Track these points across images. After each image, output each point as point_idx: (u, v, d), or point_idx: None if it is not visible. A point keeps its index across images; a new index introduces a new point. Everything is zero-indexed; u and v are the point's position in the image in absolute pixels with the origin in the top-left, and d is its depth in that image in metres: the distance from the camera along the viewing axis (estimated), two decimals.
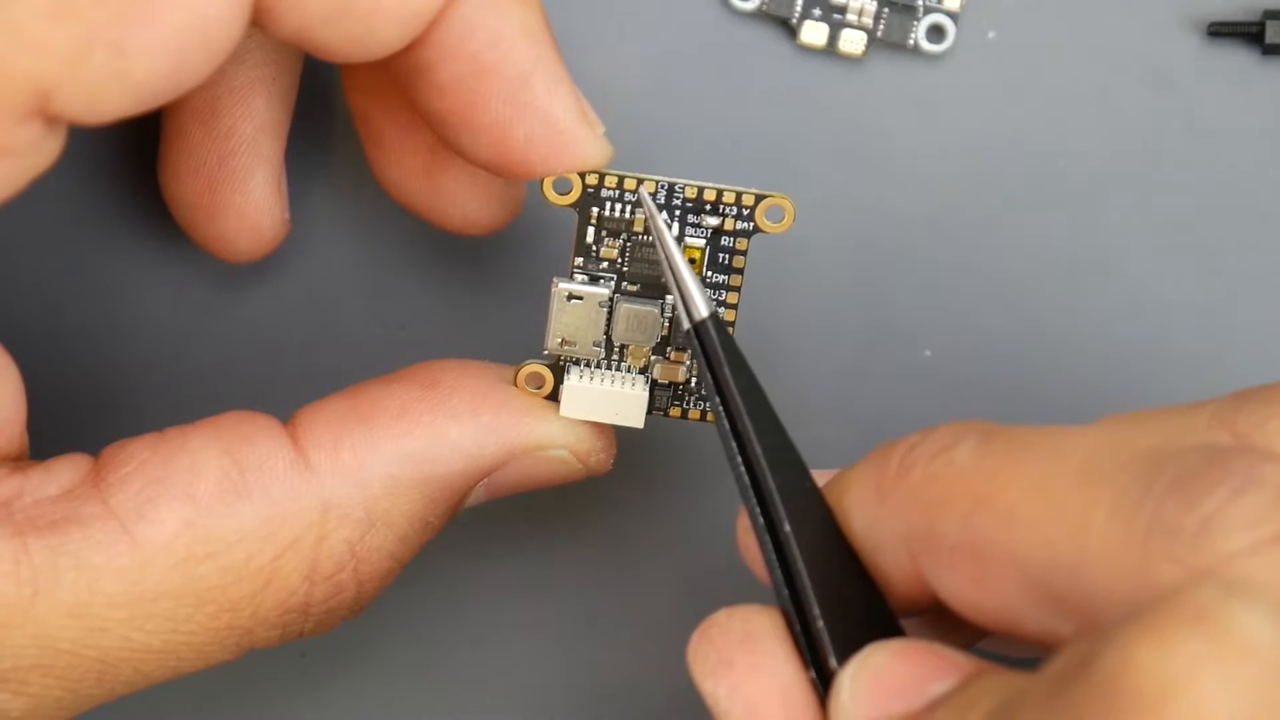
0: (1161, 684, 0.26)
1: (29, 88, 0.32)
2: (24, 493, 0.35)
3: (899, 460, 0.32)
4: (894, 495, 0.32)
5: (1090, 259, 0.42)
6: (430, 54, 0.35)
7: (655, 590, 0.42)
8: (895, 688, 0.31)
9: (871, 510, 0.33)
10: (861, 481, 0.33)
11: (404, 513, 0.36)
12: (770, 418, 0.33)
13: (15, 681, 0.34)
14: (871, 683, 0.31)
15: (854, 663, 0.31)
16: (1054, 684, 0.27)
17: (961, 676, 0.31)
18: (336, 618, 0.36)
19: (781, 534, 0.33)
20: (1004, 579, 0.30)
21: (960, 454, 0.31)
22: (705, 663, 0.32)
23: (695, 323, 0.34)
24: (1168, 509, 0.28)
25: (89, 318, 0.42)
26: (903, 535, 0.32)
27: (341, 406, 0.36)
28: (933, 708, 0.30)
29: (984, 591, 0.31)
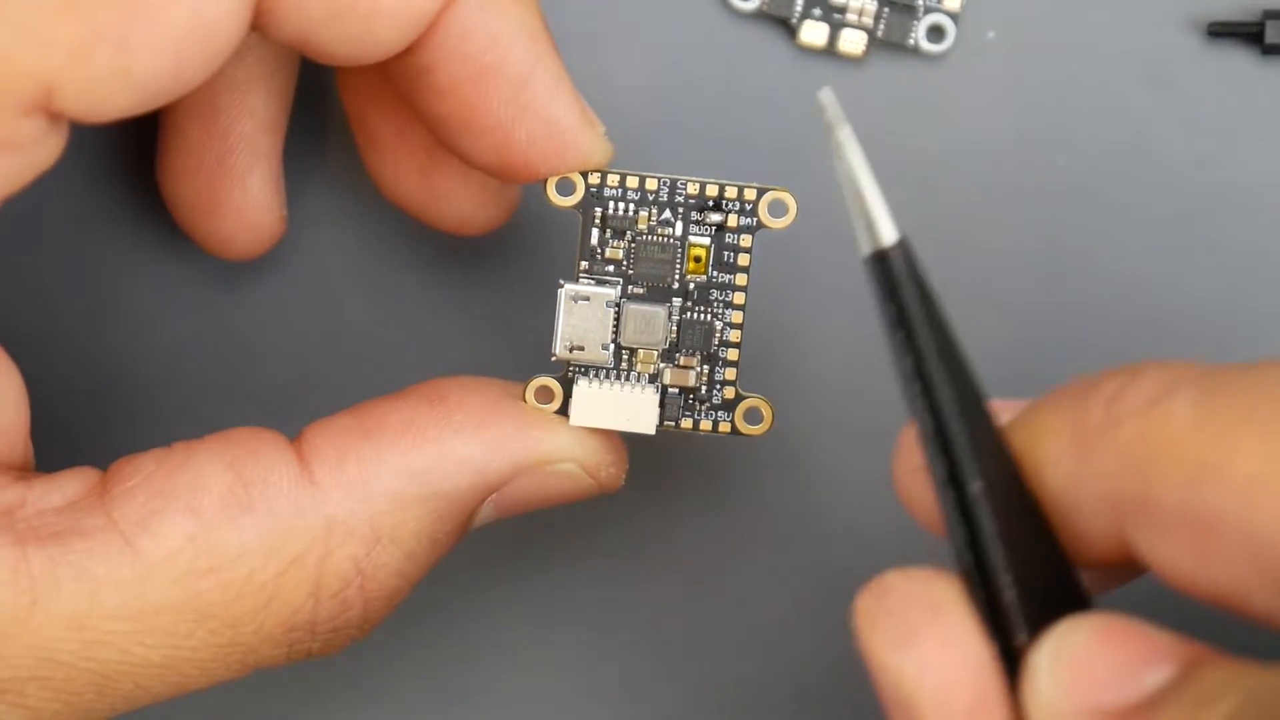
0: None
1: (32, 82, 0.32)
2: (26, 502, 0.34)
3: (1104, 409, 0.29)
4: (1099, 451, 0.29)
5: (1089, 258, 0.42)
6: (429, 56, 0.35)
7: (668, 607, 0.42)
8: (1103, 676, 0.28)
9: (1071, 465, 0.30)
10: (1058, 432, 0.30)
11: (410, 529, 0.35)
12: (961, 361, 0.30)
13: (13, 692, 0.34)
14: (1075, 668, 0.28)
15: (1050, 642, 0.29)
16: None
17: (1178, 663, 0.28)
18: (344, 637, 0.36)
19: (970, 492, 0.29)
20: (1234, 555, 0.28)
21: (1178, 409, 0.28)
22: (887, 633, 0.29)
23: (878, 249, 0.31)
24: None
25: (87, 315, 0.42)
26: (1108, 495, 0.29)
27: (347, 422, 0.36)
28: (1155, 704, 0.28)
29: (1208, 567, 0.28)
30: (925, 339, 0.30)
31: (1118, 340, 0.42)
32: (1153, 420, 0.28)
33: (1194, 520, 0.28)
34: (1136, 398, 0.29)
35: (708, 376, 0.37)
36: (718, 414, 0.37)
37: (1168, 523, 0.28)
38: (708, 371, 0.37)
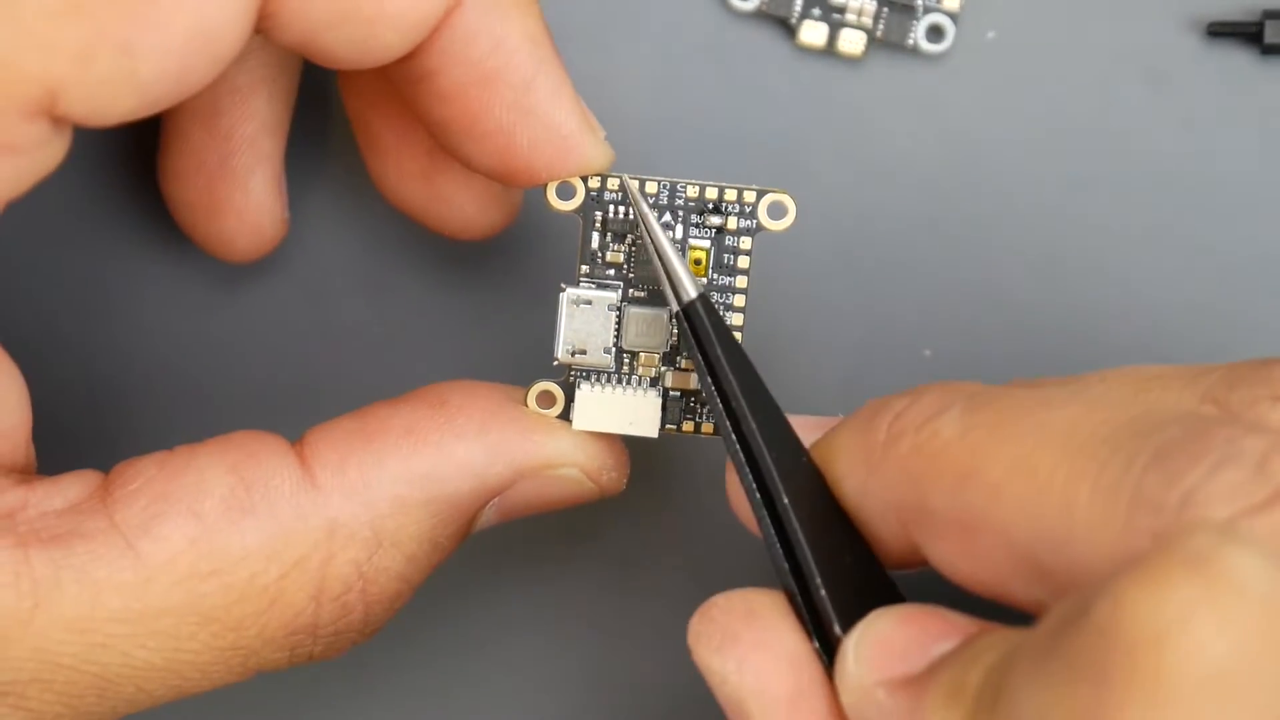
0: (1156, 628, 0.26)
1: (37, 86, 0.32)
2: (29, 505, 0.34)
3: (886, 429, 0.32)
4: (882, 466, 0.32)
5: (1089, 258, 0.42)
6: (433, 61, 0.35)
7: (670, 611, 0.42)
8: (899, 650, 0.31)
9: (861, 480, 0.33)
10: (849, 449, 0.33)
11: (412, 533, 0.35)
12: (762, 393, 0.34)
13: (14, 695, 0.34)
14: (876, 647, 0.31)
15: (858, 629, 0.32)
16: (1050, 635, 0.27)
17: (964, 637, 0.31)
18: (346, 640, 0.36)
19: (779, 506, 0.33)
20: (992, 551, 0.30)
21: (946, 424, 0.31)
22: (710, 640, 0.32)
23: (684, 304, 0.35)
24: (1150, 483, 0.28)
25: (88, 317, 0.42)
26: (893, 505, 0.32)
27: (349, 426, 0.36)
28: (935, 668, 0.30)
29: (973, 562, 0.31)
30: (729, 379, 0.34)
31: (1117, 339, 0.42)
32: (925, 435, 0.31)
33: (957, 523, 0.31)
34: (914, 416, 0.32)
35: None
36: None
37: (939, 527, 0.31)
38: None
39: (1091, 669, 0.26)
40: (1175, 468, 0.28)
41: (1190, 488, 0.28)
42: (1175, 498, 0.28)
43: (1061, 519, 0.29)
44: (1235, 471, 0.28)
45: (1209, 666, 0.25)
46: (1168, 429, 0.29)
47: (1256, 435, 0.29)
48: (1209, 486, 0.28)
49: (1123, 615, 0.26)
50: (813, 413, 0.41)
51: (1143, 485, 0.28)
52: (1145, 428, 0.29)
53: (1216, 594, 0.26)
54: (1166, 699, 0.25)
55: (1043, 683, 0.27)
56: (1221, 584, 0.26)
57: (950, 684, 0.29)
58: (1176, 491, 0.28)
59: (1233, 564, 0.26)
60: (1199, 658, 0.25)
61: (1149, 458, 0.29)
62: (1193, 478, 0.28)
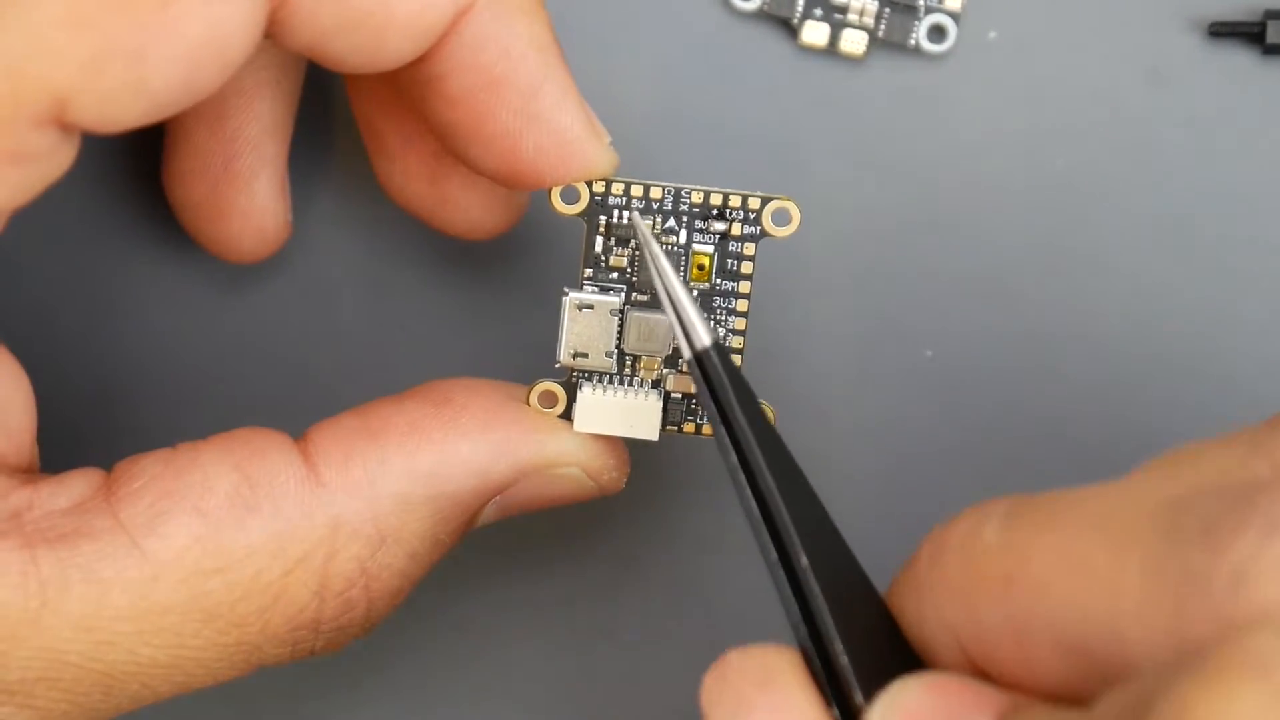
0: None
1: (46, 95, 0.32)
2: (34, 505, 0.35)
3: (929, 552, 0.31)
4: (928, 588, 0.31)
5: (1090, 258, 0.42)
6: (441, 66, 0.35)
7: (667, 608, 0.42)
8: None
9: (912, 606, 0.32)
10: (900, 584, 0.32)
11: (415, 530, 0.36)
12: (779, 447, 0.33)
13: (22, 694, 0.34)
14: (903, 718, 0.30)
15: (884, 699, 0.31)
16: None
17: (996, 710, 0.30)
18: (347, 636, 0.36)
19: (799, 567, 0.32)
20: (1046, 653, 0.30)
21: (988, 534, 0.30)
22: (722, 705, 0.31)
23: (698, 352, 0.34)
24: (1196, 559, 0.27)
25: (92, 318, 0.42)
26: (948, 627, 0.31)
27: (352, 423, 0.36)
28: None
29: (1031, 668, 0.30)
30: (746, 433, 0.33)
31: (1117, 339, 0.42)
32: (968, 551, 0.31)
33: (1010, 629, 0.30)
34: (955, 534, 0.31)
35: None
36: None
37: (994, 638, 0.30)
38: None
39: None
40: (1222, 540, 0.27)
41: (1241, 560, 0.27)
42: (1225, 575, 0.27)
43: (1111, 607, 0.28)
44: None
45: None
46: (1210, 501, 0.28)
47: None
48: (1260, 559, 0.27)
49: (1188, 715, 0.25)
50: (812, 412, 0.42)
51: (1190, 562, 0.28)
52: (1188, 501, 0.28)
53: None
54: None
55: None
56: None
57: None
58: (1226, 565, 0.27)
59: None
60: None
61: (1194, 532, 0.28)
62: (1242, 549, 0.27)
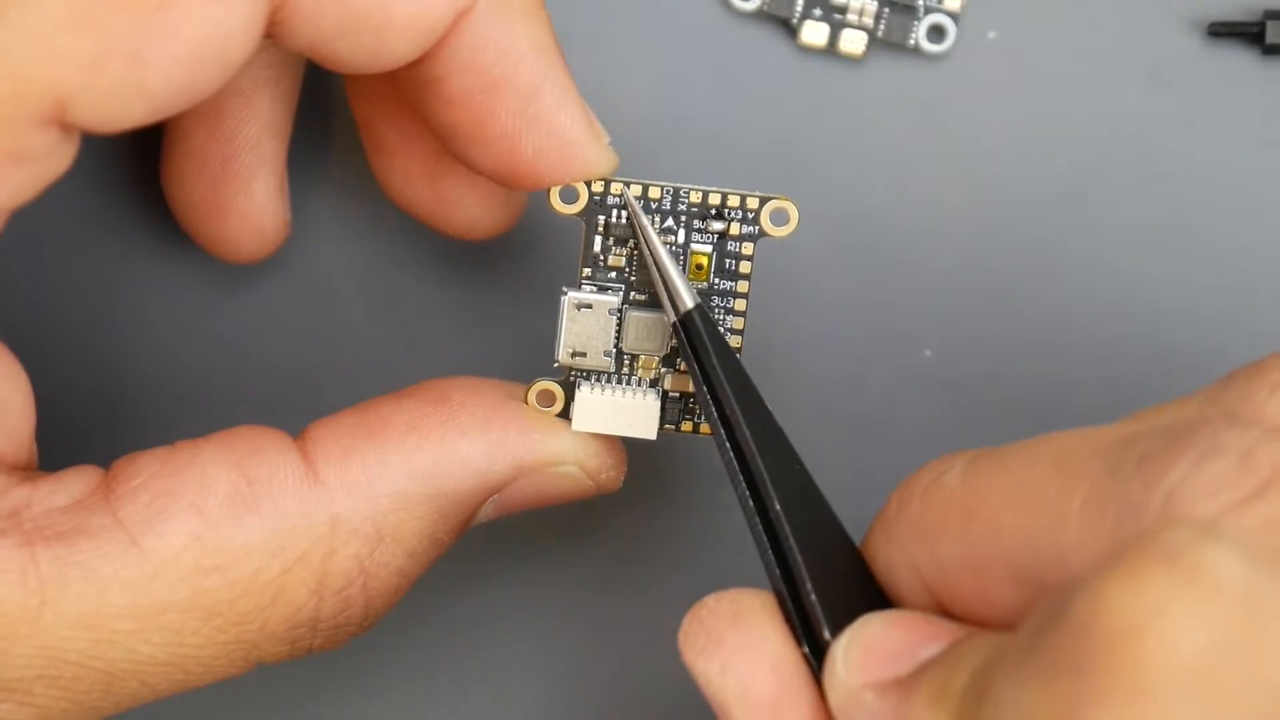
0: (1133, 622, 0.26)
1: (47, 95, 0.32)
2: (33, 503, 0.35)
3: (897, 497, 0.33)
4: (896, 530, 0.33)
5: (1090, 258, 0.42)
6: (440, 67, 0.36)
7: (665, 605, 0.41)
8: (887, 653, 0.32)
9: (883, 550, 0.33)
10: (874, 530, 0.34)
11: (413, 528, 0.36)
12: (757, 403, 0.35)
13: (21, 692, 0.34)
14: (864, 650, 0.32)
15: (848, 633, 0.32)
16: (1030, 635, 0.28)
17: (951, 640, 0.31)
18: (345, 634, 0.37)
19: (771, 513, 0.34)
20: (1002, 585, 0.31)
21: (949, 478, 0.32)
22: (696, 642, 0.33)
23: (681, 314, 0.36)
24: (1134, 489, 0.29)
25: (91, 317, 0.43)
26: (912, 568, 0.33)
27: (351, 422, 0.36)
28: (922, 670, 0.31)
29: (988, 602, 0.32)
30: (725, 388, 0.35)
31: (1117, 338, 0.42)
32: (931, 493, 0.32)
33: (968, 565, 0.32)
34: (920, 479, 0.33)
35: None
36: None
37: (952, 574, 0.32)
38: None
39: (1070, 665, 0.27)
40: (1157, 469, 0.29)
41: (1172, 486, 0.28)
42: (1158, 498, 0.29)
43: (1056, 536, 0.30)
44: (1217, 465, 0.28)
45: (1185, 659, 0.26)
46: (1150, 435, 0.30)
47: (1240, 428, 0.29)
48: (1191, 484, 0.28)
49: (1099, 610, 0.27)
50: (811, 412, 0.42)
51: (1128, 491, 0.29)
52: (1131, 438, 0.30)
53: (1192, 587, 0.26)
54: (1143, 692, 0.26)
55: (1024, 681, 0.27)
56: (1197, 577, 0.26)
57: (936, 685, 0.30)
58: (1159, 492, 0.29)
59: (1208, 558, 0.26)
60: (1175, 650, 0.26)
61: (1133, 463, 0.29)
62: (1174, 476, 0.29)
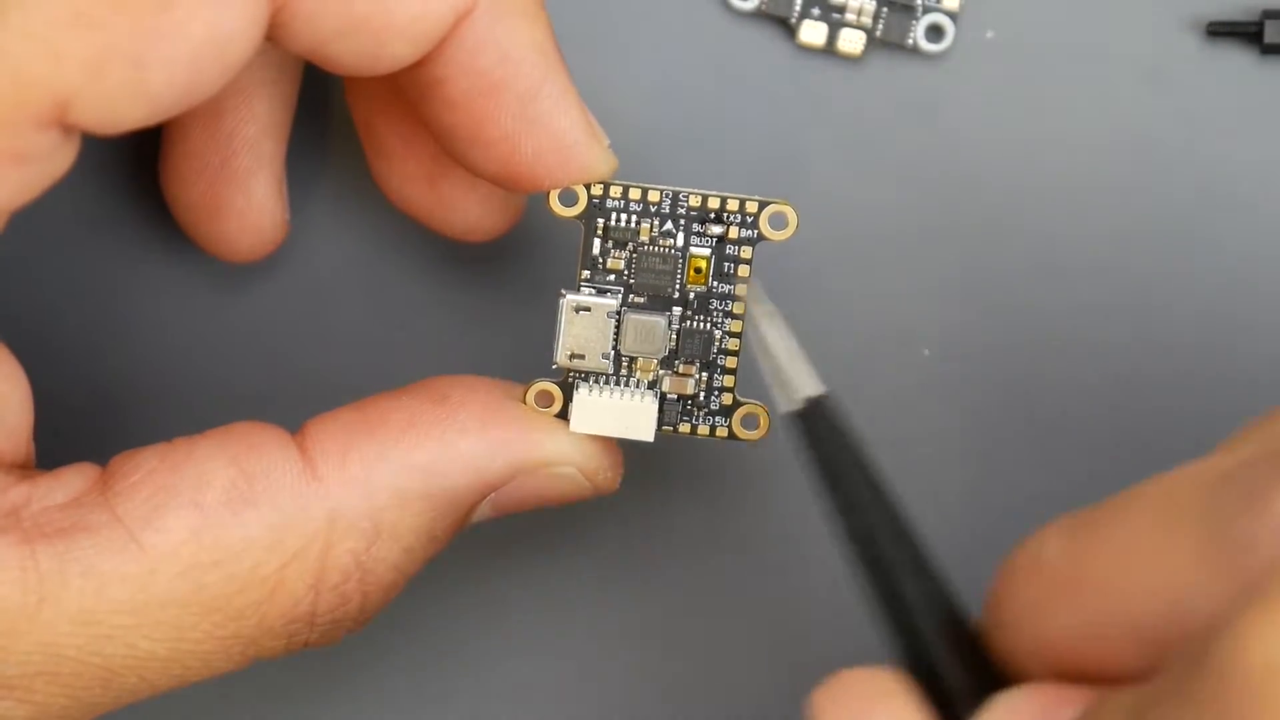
0: (1270, 661, 0.26)
1: (48, 96, 0.33)
2: (31, 500, 0.35)
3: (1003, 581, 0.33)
4: (1007, 612, 0.32)
5: (1089, 258, 0.43)
6: (440, 70, 0.36)
7: (661, 608, 0.43)
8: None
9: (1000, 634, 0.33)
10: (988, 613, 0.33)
11: (410, 525, 0.37)
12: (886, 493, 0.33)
13: (20, 689, 0.35)
14: None
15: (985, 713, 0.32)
16: (1176, 682, 0.28)
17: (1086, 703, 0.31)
18: (341, 629, 0.37)
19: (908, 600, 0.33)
20: (1122, 646, 0.31)
21: (1048, 549, 0.32)
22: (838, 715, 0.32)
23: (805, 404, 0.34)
24: (1243, 526, 0.29)
25: (90, 318, 0.43)
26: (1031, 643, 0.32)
27: (350, 418, 0.37)
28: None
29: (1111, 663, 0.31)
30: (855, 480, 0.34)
31: (1117, 338, 0.43)
32: (1034, 571, 0.32)
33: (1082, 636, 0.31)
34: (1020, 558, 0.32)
35: (706, 383, 0.38)
36: (715, 419, 0.38)
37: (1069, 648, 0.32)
38: (706, 379, 0.38)
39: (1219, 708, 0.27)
40: (1261, 500, 0.28)
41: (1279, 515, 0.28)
42: (1270, 532, 0.28)
43: (1172, 590, 0.30)
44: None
45: None
46: (1246, 469, 0.29)
47: None
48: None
49: (1240, 650, 0.27)
50: None
51: (1238, 530, 0.29)
52: (1230, 473, 0.29)
53: None
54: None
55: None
56: None
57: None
58: (1270, 525, 0.28)
59: None
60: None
61: (1236, 500, 0.29)
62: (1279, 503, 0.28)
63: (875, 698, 0.33)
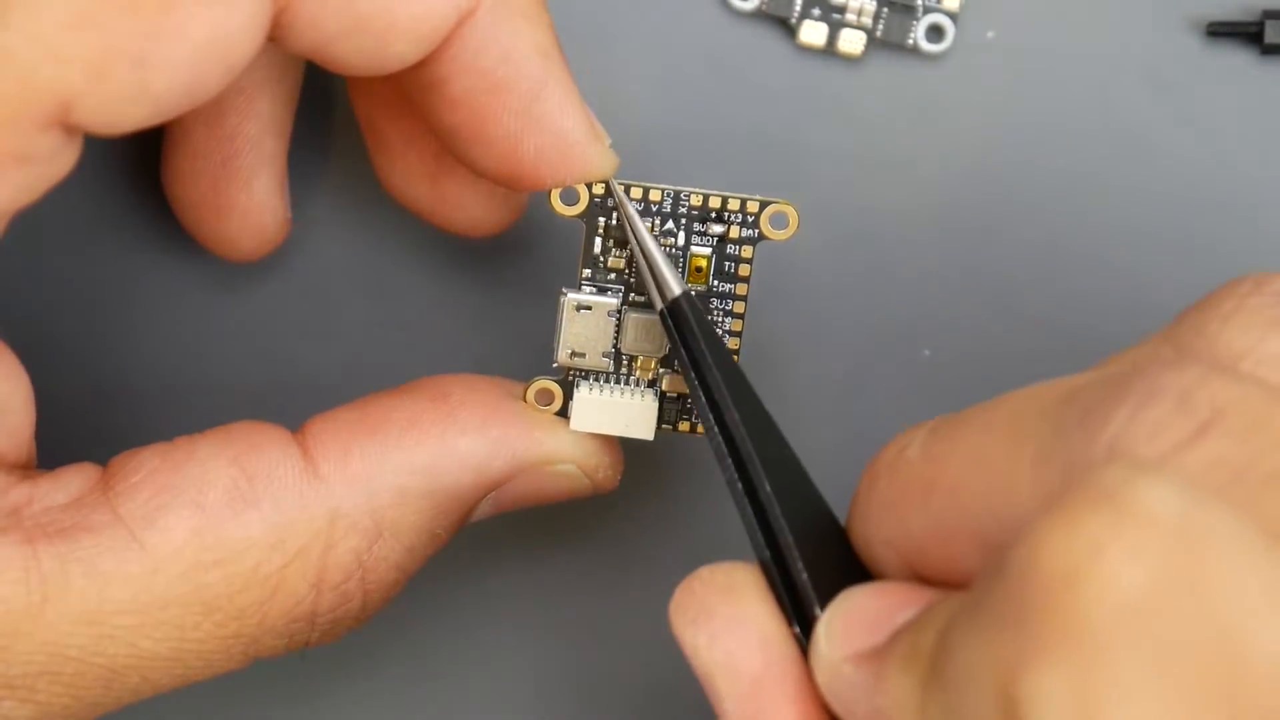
0: (1069, 566, 0.26)
1: (51, 97, 0.33)
2: (33, 500, 0.36)
3: (866, 475, 0.34)
4: (868, 508, 0.33)
5: (1089, 258, 0.43)
6: (443, 69, 0.37)
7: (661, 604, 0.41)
8: (866, 624, 0.32)
9: (859, 528, 0.34)
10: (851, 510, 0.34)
11: (411, 524, 0.37)
12: (745, 388, 0.35)
13: (23, 689, 0.35)
14: (845, 622, 0.32)
15: (830, 607, 0.33)
16: (977, 590, 0.28)
17: (924, 604, 0.32)
18: (342, 628, 0.37)
19: (761, 495, 0.34)
20: (965, 550, 0.31)
21: (911, 451, 0.33)
22: (686, 612, 0.33)
23: (668, 302, 0.36)
24: (1077, 444, 0.29)
25: (91, 317, 0.43)
26: (886, 541, 0.33)
27: (351, 417, 0.37)
28: (896, 636, 0.31)
29: (955, 566, 0.32)
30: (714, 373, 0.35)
31: (1117, 338, 0.41)
32: (895, 468, 0.33)
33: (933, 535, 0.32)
34: (885, 456, 0.33)
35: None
36: None
37: (921, 546, 0.32)
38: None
39: (1013, 617, 0.27)
40: (1098, 420, 0.29)
41: (1113, 436, 0.29)
42: (1101, 450, 0.29)
43: (1010, 498, 0.30)
44: (1155, 410, 0.29)
45: (1124, 600, 0.26)
46: (1089, 388, 0.30)
47: (1179, 369, 0.29)
48: (1131, 432, 0.28)
49: (1036, 557, 0.26)
50: (811, 413, 0.43)
51: (1071, 447, 0.29)
52: (1075, 391, 0.30)
53: (1126, 526, 0.26)
54: (1084, 638, 0.26)
55: (972, 636, 0.28)
56: (1131, 516, 0.26)
57: (907, 648, 0.30)
58: (1101, 444, 0.29)
59: (1142, 495, 0.26)
60: (1113, 592, 0.26)
61: (1075, 419, 0.29)
62: (1114, 426, 0.29)
63: (726, 590, 0.34)
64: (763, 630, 0.33)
